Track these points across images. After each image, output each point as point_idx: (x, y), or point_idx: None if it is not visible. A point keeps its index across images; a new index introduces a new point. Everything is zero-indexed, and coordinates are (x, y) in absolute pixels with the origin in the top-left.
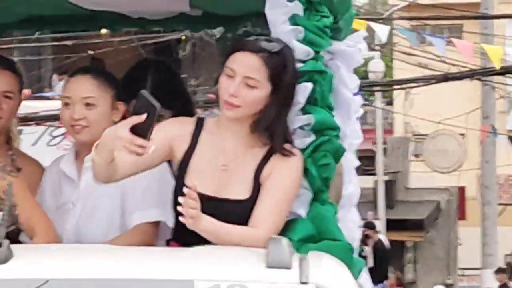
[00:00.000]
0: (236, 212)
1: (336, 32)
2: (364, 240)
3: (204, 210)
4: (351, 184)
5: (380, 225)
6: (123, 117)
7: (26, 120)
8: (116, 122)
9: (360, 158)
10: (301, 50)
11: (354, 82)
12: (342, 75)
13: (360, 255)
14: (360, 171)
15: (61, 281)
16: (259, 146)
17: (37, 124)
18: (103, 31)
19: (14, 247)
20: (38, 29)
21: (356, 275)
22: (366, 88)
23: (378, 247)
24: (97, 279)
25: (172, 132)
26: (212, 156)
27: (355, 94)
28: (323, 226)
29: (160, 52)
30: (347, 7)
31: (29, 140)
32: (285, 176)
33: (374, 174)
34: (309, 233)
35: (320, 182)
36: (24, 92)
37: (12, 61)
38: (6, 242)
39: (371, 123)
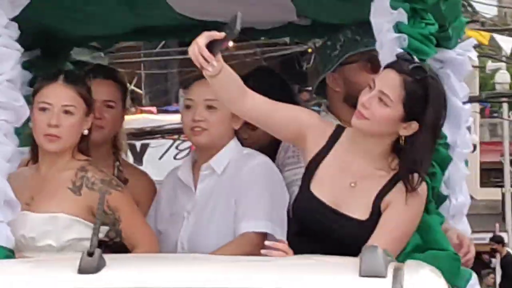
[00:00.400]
0: (352, 230)
1: (445, 40)
2: (491, 253)
3: (322, 220)
4: (462, 194)
5: (508, 237)
6: (242, 127)
7: (153, 133)
8: (236, 131)
9: (488, 170)
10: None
11: (464, 91)
12: (452, 83)
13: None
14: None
15: None
16: (386, 170)
17: (163, 137)
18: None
19: (107, 256)
20: (147, 40)
21: (463, 285)
22: (493, 100)
23: (506, 261)
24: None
25: (313, 121)
26: (342, 169)
27: (464, 103)
28: (429, 235)
29: (285, 65)
30: (456, 15)
31: (156, 154)
32: (404, 213)
33: (502, 186)
34: (416, 243)
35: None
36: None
37: (114, 70)
38: (98, 251)
39: (499, 135)
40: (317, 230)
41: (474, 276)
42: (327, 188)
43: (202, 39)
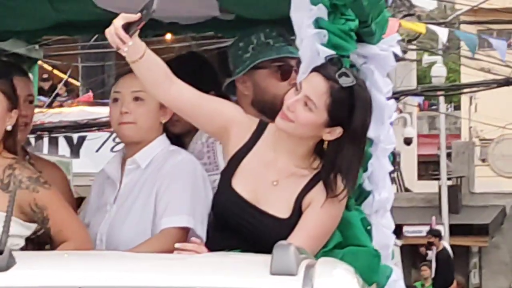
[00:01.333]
0: (272, 228)
1: (368, 36)
2: (428, 246)
3: (242, 215)
4: (385, 189)
5: (444, 230)
6: (164, 125)
7: (89, 126)
8: (163, 124)
9: (425, 163)
10: (325, 54)
11: (388, 86)
12: (376, 79)
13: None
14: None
15: None
16: (308, 169)
17: (100, 130)
18: (167, 36)
19: (17, 254)
20: (70, 34)
21: (384, 281)
22: (429, 93)
23: (441, 255)
24: (99, 286)
25: (237, 116)
26: (264, 166)
27: (388, 99)
28: (349, 232)
29: (221, 57)
30: (380, 11)
31: (93, 146)
32: (324, 212)
33: (439, 179)
34: (337, 240)
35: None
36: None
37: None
38: (7, 249)
39: (438, 127)
40: (237, 226)
41: (397, 271)
42: (249, 184)
43: (118, 20)
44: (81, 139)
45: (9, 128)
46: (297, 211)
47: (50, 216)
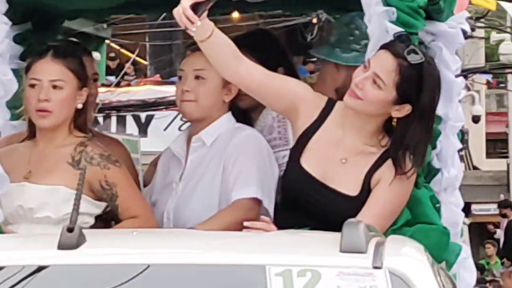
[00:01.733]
0: (342, 206)
1: (437, 13)
2: (496, 224)
3: (311, 193)
4: (454, 167)
5: None
6: (232, 101)
7: (157, 104)
8: (224, 104)
9: (493, 141)
10: (394, 32)
11: (456, 64)
12: (444, 56)
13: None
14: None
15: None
16: (376, 147)
17: (167, 109)
18: (234, 15)
19: (87, 232)
20: (137, 13)
21: (453, 259)
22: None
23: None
24: (168, 264)
25: (306, 94)
26: (332, 144)
27: (456, 76)
28: (418, 209)
29: (288, 36)
30: None
31: (161, 125)
32: (393, 190)
33: (507, 157)
34: (405, 218)
35: None
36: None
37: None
38: (78, 227)
39: (505, 105)
40: (305, 204)
41: (466, 249)
42: (317, 162)
43: (186, 1)
44: (149, 118)
45: (79, 106)
46: (366, 189)
47: (119, 193)
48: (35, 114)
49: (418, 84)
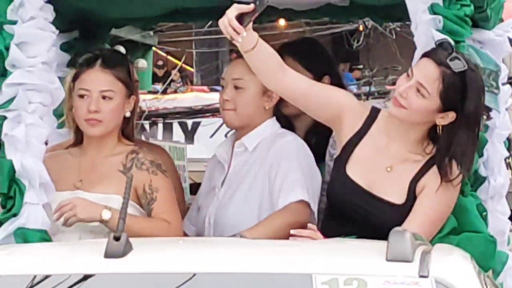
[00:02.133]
0: (387, 214)
1: (483, 21)
2: None
3: (357, 201)
4: (500, 175)
5: None
6: (276, 106)
7: (204, 111)
8: (267, 110)
9: None
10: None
11: (503, 72)
12: None
13: None
14: None
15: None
16: (421, 154)
17: (214, 115)
18: (281, 22)
19: (133, 240)
20: (184, 21)
21: (499, 268)
22: None
23: None
24: (214, 272)
25: (350, 103)
26: (377, 152)
27: (503, 84)
28: (465, 218)
29: (335, 43)
30: None
31: (207, 132)
32: (439, 196)
33: None
34: (451, 226)
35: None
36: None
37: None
38: (124, 235)
39: None
40: (351, 212)
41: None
42: (363, 171)
43: (231, 11)
44: (196, 125)
45: (128, 114)
46: (412, 196)
47: (158, 198)
48: (84, 124)
49: (462, 91)
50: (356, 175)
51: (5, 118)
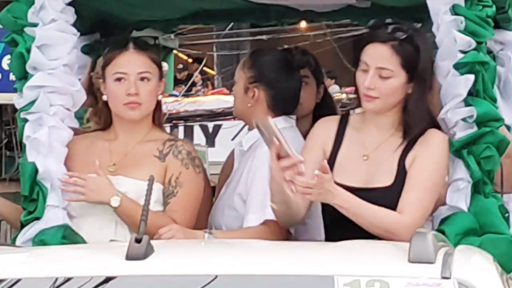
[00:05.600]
0: (381, 198)
1: (505, 22)
2: None
3: None
4: None
5: None
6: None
7: (225, 114)
8: (252, 107)
9: None
10: (462, 41)
11: None
12: None
13: None
14: None
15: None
16: (399, 135)
17: (235, 118)
18: (302, 24)
19: (155, 243)
20: (205, 23)
21: None
22: None
23: None
24: (236, 274)
25: (321, 136)
26: (356, 150)
27: None
28: (486, 219)
29: (355, 45)
30: None
31: (229, 135)
32: (429, 163)
33: None
34: (471, 226)
35: (481, 175)
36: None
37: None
38: (146, 238)
39: None
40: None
41: None
42: (349, 172)
43: (271, 163)
44: (217, 128)
45: (160, 97)
46: (402, 175)
47: (178, 194)
48: (123, 108)
49: (417, 53)
50: (344, 179)
51: (26, 120)
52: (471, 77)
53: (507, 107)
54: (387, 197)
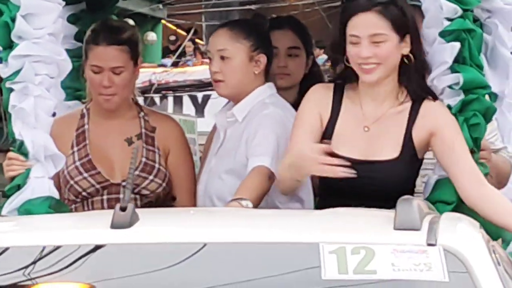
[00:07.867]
0: (386, 171)
1: None
2: None
3: (357, 175)
4: (510, 144)
5: None
6: (266, 70)
7: None
8: (257, 76)
9: None
10: (448, 8)
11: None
12: (500, 33)
13: None
14: None
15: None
16: (399, 105)
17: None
18: None
19: (140, 211)
20: None
21: (509, 236)
22: None
23: None
24: (227, 242)
25: (319, 102)
26: (355, 121)
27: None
28: None
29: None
30: None
31: (218, 105)
32: (454, 131)
33: None
34: (456, 197)
35: (470, 143)
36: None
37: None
38: (131, 206)
39: None
40: (349, 187)
41: None
42: (349, 144)
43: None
44: (206, 98)
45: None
46: (409, 146)
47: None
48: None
49: (403, 13)
50: (344, 151)
51: (12, 90)
52: (457, 44)
53: (495, 75)
54: (393, 169)
